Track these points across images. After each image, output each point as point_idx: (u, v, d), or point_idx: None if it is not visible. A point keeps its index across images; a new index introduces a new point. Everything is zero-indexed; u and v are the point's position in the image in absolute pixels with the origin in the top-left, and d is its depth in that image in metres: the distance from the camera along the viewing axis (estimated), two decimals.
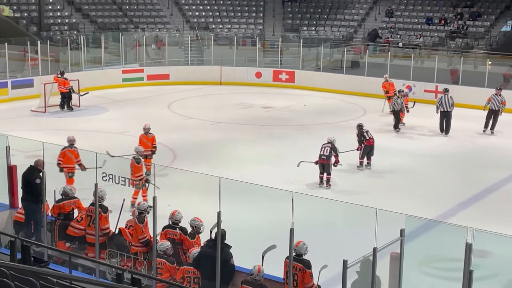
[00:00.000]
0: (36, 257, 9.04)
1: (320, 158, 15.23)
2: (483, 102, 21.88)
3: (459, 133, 21.08)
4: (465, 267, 7.22)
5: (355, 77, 28.44)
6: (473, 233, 7.12)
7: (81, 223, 10.39)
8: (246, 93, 27.63)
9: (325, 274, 8.70)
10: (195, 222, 9.64)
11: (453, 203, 14.46)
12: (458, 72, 26.72)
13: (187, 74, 29.92)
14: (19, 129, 19.10)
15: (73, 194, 10.78)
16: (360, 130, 16.84)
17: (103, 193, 10.06)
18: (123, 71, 28.84)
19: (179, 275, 9.11)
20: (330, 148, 15.23)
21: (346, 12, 36.61)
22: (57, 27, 32.13)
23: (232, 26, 36.17)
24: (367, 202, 13.09)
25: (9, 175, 11.23)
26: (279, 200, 8.87)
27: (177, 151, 18.22)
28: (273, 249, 8.89)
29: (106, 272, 9.66)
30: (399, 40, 32.71)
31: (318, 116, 23.66)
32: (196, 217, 9.66)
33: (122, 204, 10.40)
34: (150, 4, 36.68)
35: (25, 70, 26.85)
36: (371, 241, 7.56)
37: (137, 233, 9.79)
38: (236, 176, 13.08)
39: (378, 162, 17.31)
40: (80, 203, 10.74)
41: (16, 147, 11.53)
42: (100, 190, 9.87)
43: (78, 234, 10.42)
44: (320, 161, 15.21)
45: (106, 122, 21.83)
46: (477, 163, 17.96)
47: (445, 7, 34.85)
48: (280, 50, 31.05)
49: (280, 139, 20.04)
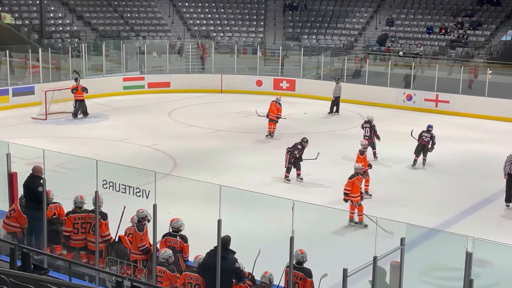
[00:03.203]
0: (36, 265, 9.03)
1: (364, 138, 17.59)
2: (483, 112, 21.88)
3: (458, 142, 21.08)
4: (466, 276, 7.21)
5: (355, 86, 28.48)
6: (473, 242, 7.12)
7: (78, 234, 10.34)
8: (246, 101, 27.65)
9: (326, 283, 8.68)
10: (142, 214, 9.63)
11: (453, 212, 14.45)
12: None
13: (188, 82, 29.96)
14: (20, 136, 19.13)
15: (53, 199, 10.75)
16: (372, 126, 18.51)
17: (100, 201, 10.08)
18: (124, 78, 28.89)
19: (180, 281, 9.10)
20: (369, 128, 18.22)
21: (347, 21, 36.70)
22: (58, 35, 32.22)
23: (233, 34, 36.26)
24: (367, 211, 13.16)
25: (10, 182, 11.22)
26: (280, 208, 8.87)
27: (177, 159, 18.22)
28: (260, 254, 8.94)
29: (106, 280, 9.64)
30: (400, 49, 32.77)
31: (318, 124, 23.68)
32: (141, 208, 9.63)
33: (122, 212, 10.38)
34: (152, 12, 36.79)
35: (26, 78, 26.91)
36: (371, 249, 7.56)
37: (137, 241, 9.78)
38: (237, 184, 13.09)
39: (379, 171, 17.31)
40: (62, 208, 10.72)
41: (16, 154, 11.52)
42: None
43: (80, 244, 10.40)
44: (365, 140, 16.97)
45: (106, 130, 21.85)
46: (477, 172, 17.95)
47: (446, 16, 34.93)
48: (282, 58, 31.12)
49: (281, 147, 20.01)
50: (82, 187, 12.85)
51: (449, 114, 25.32)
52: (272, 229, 11.97)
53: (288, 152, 16.40)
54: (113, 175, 9.50)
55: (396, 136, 21.55)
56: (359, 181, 13.77)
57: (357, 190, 13.62)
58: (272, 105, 21.17)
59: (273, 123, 21.06)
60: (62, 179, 14.08)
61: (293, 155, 16.25)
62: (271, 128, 21.08)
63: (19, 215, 10.60)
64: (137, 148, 19.42)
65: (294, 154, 16.24)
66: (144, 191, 9.03)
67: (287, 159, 16.37)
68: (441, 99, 26.00)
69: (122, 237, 10.09)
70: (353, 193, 13.51)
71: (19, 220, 10.61)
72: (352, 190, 13.51)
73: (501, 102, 25.14)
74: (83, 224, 10.31)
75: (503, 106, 25.06)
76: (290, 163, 16.30)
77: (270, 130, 21.10)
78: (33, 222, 10.55)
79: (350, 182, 13.60)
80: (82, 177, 13.41)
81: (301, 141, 16.51)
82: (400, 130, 22.51)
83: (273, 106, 21.13)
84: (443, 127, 21.33)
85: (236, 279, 8.84)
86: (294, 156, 16.23)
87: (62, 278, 9.05)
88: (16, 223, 10.60)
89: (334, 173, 16.41)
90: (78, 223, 10.34)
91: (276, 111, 20.97)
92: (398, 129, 22.83)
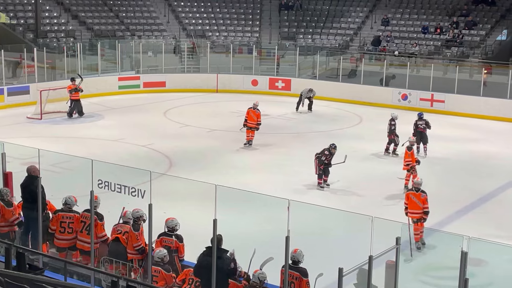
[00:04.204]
0: (31, 265, 9.00)
1: (388, 134, 19.05)
2: (478, 111, 21.92)
3: (453, 141, 21.13)
4: (461, 275, 7.22)
5: (351, 85, 28.52)
6: (468, 242, 7.13)
7: (65, 234, 10.30)
8: (242, 100, 27.63)
9: (321, 282, 8.69)
10: (137, 213, 9.63)
11: (448, 211, 14.48)
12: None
13: (183, 81, 29.95)
14: (15, 136, 19.08)
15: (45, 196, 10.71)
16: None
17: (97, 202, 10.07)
18: (119, 78, 28.85)
19: (181, 277, 9.10)
20: (389, 125, 19.02)
21: (342, 20, 36.73)
22: (53, 34, 32.14)
23: (228, 34, 36.24)
24: (363, 210, 13.17)
25: (5, 182, 11.20)
26: (275, 208, 8.88)
27: (173, 159, 18.21)
28: (270, 261, 8.90)
29: (101, 279, 9.62)
30: (395, 48, 32.82)
31: (313, 124, 23.70)
32: (136, 208, 9.61)
33: (121, 213, 10.35)
34: (147, 11, 36.75)
35: (21, 77, 26.84)
36: (367, 249, 7.57)
37: (132, 241, 9.76)
38: (232, 184, 13.08)
39: (374, 170, 17.34)
40: (51, 205, 10.69)
41: (11, 154, 11.50)
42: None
43: (65, 245, 10.35)
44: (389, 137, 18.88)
45: (102, 129, 21.82)
46: (472, 171, 18.00)
47: (441, 16, 34.98)
48: (277, 58, 31.13)
49: (276, 146, 20.06)
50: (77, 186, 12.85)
51: (444, 113, 25.38)
52: (268, 228, 11.98)
53: (317, 158, 15.92)
54: (109, 175, 9.49)
55: None
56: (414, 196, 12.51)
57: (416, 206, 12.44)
58: (251, 112, 19.64)
59: (252, 131, 19.61)
60: (57, 179, 14.06)
61: (321, 161, 15.81)
62: (249, 136, 19.59)
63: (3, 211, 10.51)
64: (133, 147, 19.39)
65: (322, 160, 15.82)
66: (139, 191, 9.02)
67: (317, 165, 15.88)
68: (436, 99, 26.06)
69: (120, 237, 10.07)
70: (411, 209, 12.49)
71: (6, 215, 10.52)
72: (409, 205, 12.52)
73: (496, 102, 25.22)
74: (71, 224, 10.27)
75: (498, 106, 25.14)
76: (319, 169, 15.84)
77: (248, 138, 19.60)
78: (31, 222, 10.52)
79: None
80: (77, 176, 13.39)
81: (329, 147, 15.92)
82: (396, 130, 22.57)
83: (251, 113, 19.60)
84: (438, 126, 21.36)
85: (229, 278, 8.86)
86: (322, 163, 15.82)
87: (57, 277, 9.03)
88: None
89: (333, 173, 16.31)
90: (65, 222, 10.30)
91: (256, 118, 19.50)
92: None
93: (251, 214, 12.92)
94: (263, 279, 8.64)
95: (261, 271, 8.76)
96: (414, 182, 12.87)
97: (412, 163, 15.60)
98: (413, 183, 12.97)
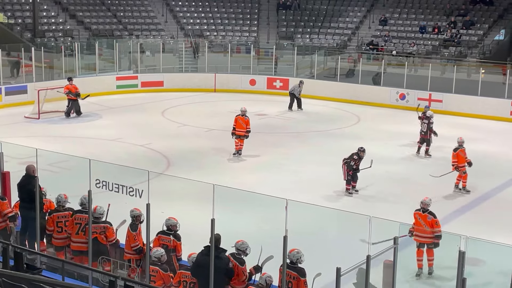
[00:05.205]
0: (29, 264, 8.99)
1: (420, 133, 19.06)
2: (476, 110, 21.96)
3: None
4: (459, 275, 7.23)
5: (349, 85, 28.52)
6: (466, 241, 7.14)
7: (62, 233, 10.31)
8: (240, 100, 27.64)
9: (319, 282, 8.69)
10: (135, 213, 9.61)
11: (446, 211, 14.49)
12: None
13: (181, 81, 29.92)
14: (13, 136, 19.06)
15: (45, 194, 10.72)
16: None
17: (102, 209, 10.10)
18: (117, 78, 28.83)
19: (175, 279, 9.09)
20: (427, 124, 18.91)
21: (340, 20, 36.74)
22: (51, 34, 32.11)
23: (226, 33, 36.24)
24: (361, 209, 13.17)
25: (2, 182, 11.19)
26: (273, 207, 8.88)
27: (171, 158, 18.20)
28: (270, 260, 8.89)
29: (99, 279, 9.61)
30: (393, 48, 32.83)
31: (311, 123, 23.70)
32: (134, 208, 9.60)
33: (107, 209, 10.31)
34: (145, 11, 36.73)
35: (19, 77, 26.82)
36: (364, 248, 7.57)
37: (130, 241, 9.76)
38: (230, 183, 13.09)
39: (372, 170, 17.33)
40: (52, 204, 10.69)
41: (9, 153, 11.50)
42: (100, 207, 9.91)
43: (63, 243, 10.38)
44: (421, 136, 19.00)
45: (100, 129, 21.80)
46: (470, 171, 17.97)
47: (439, 15, 35.01)
48: (275, 58, 31.12)
49: (274, 146, 20.05)
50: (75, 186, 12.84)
51: (442, 113, 25.34)
52: (266, 228, 11.98)
53: (345, 164, 15.53)
54: (106, 175, 9.49)
55: (390, 135, 21.62)
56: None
57: (463, 160, 15.81)
58: (239, 119, 18.47)
59: (241, 139, 18.45)
60: (55, 179, 14.05)
61: (350, 167, 15.43)
62: (239, 145, 18.46)
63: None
64: (131, 147, 19.37)
65: (351, 165, 15.46)
66: (137, 191, 9.01)
67: (345, 171, 15.52)
68: (434, 98, 26.06)
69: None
70: (460, 163, 15.80)
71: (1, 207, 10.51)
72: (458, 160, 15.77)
73: (494, 102, 25.25)
74: (67, 222, 10.29)
75: (495, 106, 25.16)
76: (348, 175, 15.50)
77: (238, 148, 18.48)
78: (29, 222, 10.51)
79: (455, 154, 15.95)
80: (75, 176, 13.39)
81: (357, 151, 15.49)
82: (394, 129, 22.61)
83: (240, 121, 18.45)
84: (436, 126, 21.33)
85: (228, 278, 8.86)
86: (351, 168, 15.46)
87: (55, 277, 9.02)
88: None
89: (334, 173, 16.31)
90: (61, 222, 10.32)
91: (245, 125, 18.38)
92: (391, 128, 22.91)
93: (249, 214, 12.92)
94: (270, 283, 8.65)
95: (269, 274, 8.74)
96: (421, 202, 11.78)
97: (457, 164, 15.85)
98: (421, 202, 11.90)
